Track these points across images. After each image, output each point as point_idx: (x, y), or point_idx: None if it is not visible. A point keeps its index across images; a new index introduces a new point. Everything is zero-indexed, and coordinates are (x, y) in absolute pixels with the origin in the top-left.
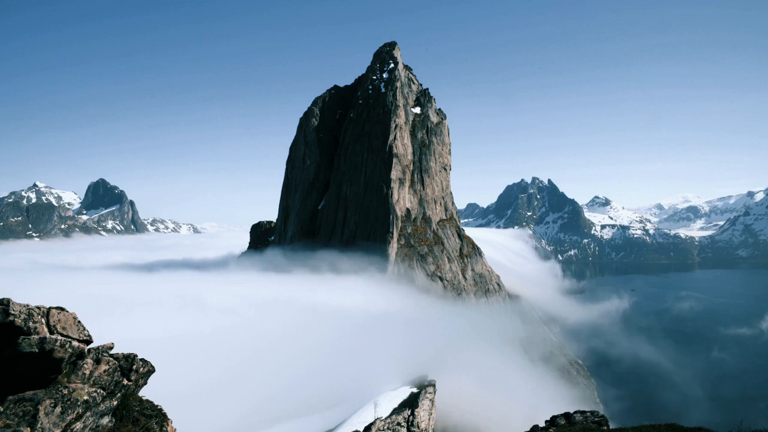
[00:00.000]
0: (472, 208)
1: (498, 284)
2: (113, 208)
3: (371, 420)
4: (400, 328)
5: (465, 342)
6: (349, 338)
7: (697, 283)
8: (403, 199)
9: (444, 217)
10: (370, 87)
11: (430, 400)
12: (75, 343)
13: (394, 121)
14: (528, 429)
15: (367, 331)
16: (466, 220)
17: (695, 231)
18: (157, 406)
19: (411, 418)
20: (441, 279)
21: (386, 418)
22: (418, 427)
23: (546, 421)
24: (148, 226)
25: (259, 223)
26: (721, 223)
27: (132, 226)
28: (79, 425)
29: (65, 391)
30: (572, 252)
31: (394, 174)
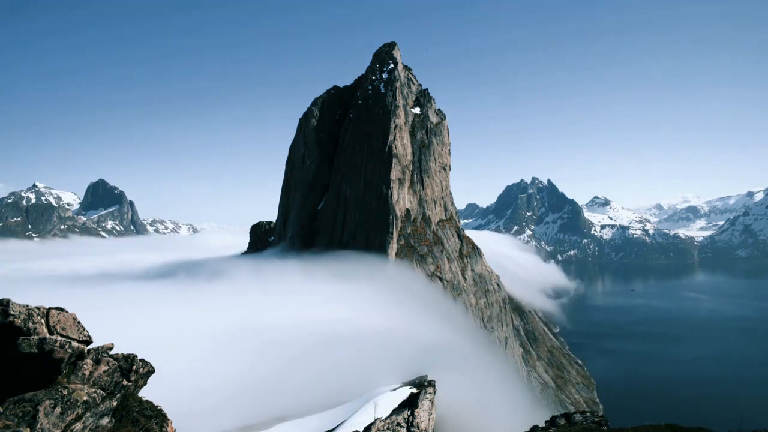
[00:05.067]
0: (471, 208)
1: (498, 284)
2: (113, 209)
3: (371, 420)
4: (400, 329)
5: (465, 342)
6: (348, 339)
7: (696, 283)
8: (402, 200)
9: (444, 218)
10: (370, 87)
11: (430, 400)
12: (75, 344)
13: (394, 121)
14: (528, 429)
15: (366, 332)
16: (465, 221)
17: (695, 231)
18: (157, 406)
19: (411, 418)
20: (441, 279)
21: (386, 418)
22: (418, 428)
23: (546, 421)
24: (148, 227)
25: (259, 223)
26: (721, 223)
27: (132, 227)
28: (78, 426)
29: (65, 392)
30: (572, 252)
31: (394, 174)
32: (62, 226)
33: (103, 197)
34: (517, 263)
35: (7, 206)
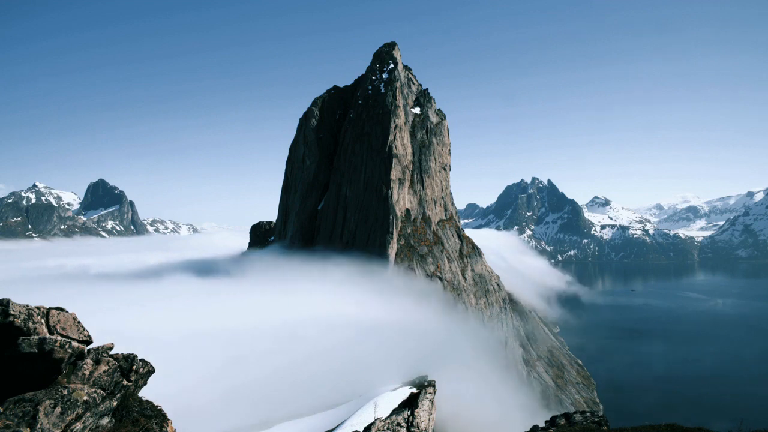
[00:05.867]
0: (471, 208)
1: (498, 284)
2: (113, 209)
3: (371, 420)
4: (400, 329)
5: (465, 342)
6: (348, 339)
7: (696, 283)
8: (402, 200)
9: (444, 218)
10: (370, 87)
11: (430, 400)
12: (75, 344)
13: (394, 121)
14: (528, 429)
15: (366, 332)
16: (466, 221)
17: (695, 231)
18: (157, 406)
19: (411, 418)
20: (441, 279)
21: (386, 418)
22: (418, 428)
23: (546, 421)
24: (148, 227)
25: (259, 223)
26: (721, 223)
27: (132, 227)
28: (78, 426)
29: (65, 392)
30: (572, 252)
31: (394, 174)
32: (62, 226)
33: (103, 197)
34: (517, 263)
35: (7, 206)
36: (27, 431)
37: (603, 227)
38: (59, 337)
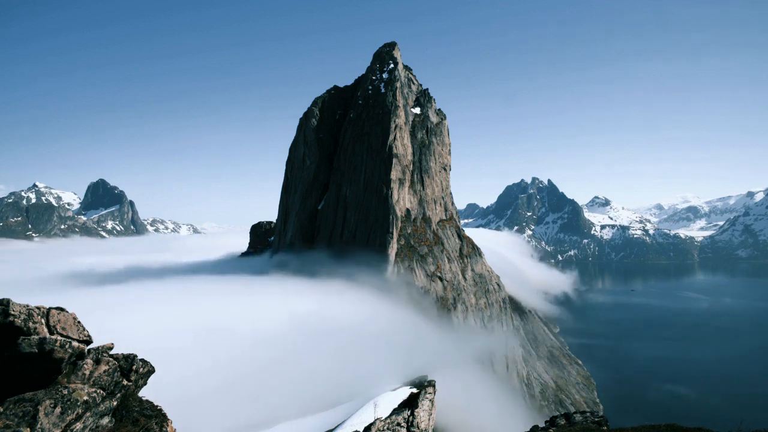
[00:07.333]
0: (472, 208)
1: (498, 284)
2: (113, 209)
3: (371, 420)
4: (400, 329)
5: (465, 342)
6: (348, 339)
7: (696, 283)
8: (402, 200)
9: (444, 218)
10: (370, 87)
11: (430, 400)
12: (75, 344)
13: (394, 121)
14: (528, 429)
15: (366, 332)
16: (466, 221)
17: (695, 231)
18: (157, 406)
19: (411, 418)
20: (441, 279)
21: (386, 418)
22: (418, 428)
23: (546, 421)
24: (148, 227)
25: (259, 223)
26: (721, 223)
27: (132, 227)
28: (78, 425)
29: (65, 392)
30: (572, 252)
31: (394, 174)
32: (62, 226)
33: (103, 197)
34: (517, 263)
35: (7, 206)
36: (27, 431)
37: (603, 227)
38: (59, 337)
